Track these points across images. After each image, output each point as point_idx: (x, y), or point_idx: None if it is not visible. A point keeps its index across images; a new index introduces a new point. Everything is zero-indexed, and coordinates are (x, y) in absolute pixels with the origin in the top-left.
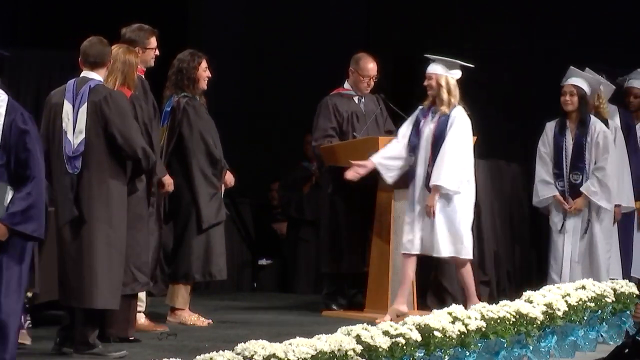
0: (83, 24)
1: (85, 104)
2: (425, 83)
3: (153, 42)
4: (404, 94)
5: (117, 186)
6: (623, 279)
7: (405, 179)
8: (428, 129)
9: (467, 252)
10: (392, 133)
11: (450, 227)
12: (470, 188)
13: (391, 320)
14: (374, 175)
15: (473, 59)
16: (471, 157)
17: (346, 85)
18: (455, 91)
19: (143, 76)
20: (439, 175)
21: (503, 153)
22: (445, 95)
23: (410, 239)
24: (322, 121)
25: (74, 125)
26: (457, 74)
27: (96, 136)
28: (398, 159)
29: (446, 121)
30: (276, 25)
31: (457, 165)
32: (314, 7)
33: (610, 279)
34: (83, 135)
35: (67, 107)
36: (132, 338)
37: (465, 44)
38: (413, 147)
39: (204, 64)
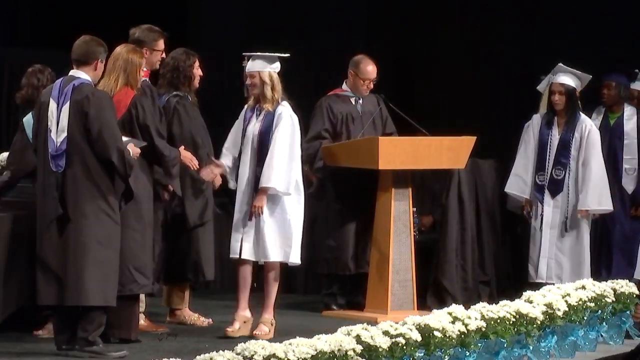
0: (83, 24)
1: (68, 102)
2: (248, 82)
3: (161, 44)
4: (404, 94)
5: (105, 184)
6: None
7: (403, 177)
8: (253, 128)
9: (295, 256)
10: (391, 135)
11: (280, 230)
12: (301, 189)
13: (239, 327)
14: (374, 175)
15: (473, 58)
16: (299, 156)
17: (344, 86)
18: (279, 86)
19: (148, 80)
20: (269, 177)
21: (503, 153)
22: (269, 93)
23: (235, 242)
24: (315, 123)
25: (57, 124)
26: (278, 67)
27: (79, 135)
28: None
29: (272, 119)
30: (276, 25)
31: (286, 165)
32: (314, 7)
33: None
34: (65, 134)
35: (52, 106)
36: (134, 339)
37: (465, 44)
38: (240, 148)
39: (197, 63)
